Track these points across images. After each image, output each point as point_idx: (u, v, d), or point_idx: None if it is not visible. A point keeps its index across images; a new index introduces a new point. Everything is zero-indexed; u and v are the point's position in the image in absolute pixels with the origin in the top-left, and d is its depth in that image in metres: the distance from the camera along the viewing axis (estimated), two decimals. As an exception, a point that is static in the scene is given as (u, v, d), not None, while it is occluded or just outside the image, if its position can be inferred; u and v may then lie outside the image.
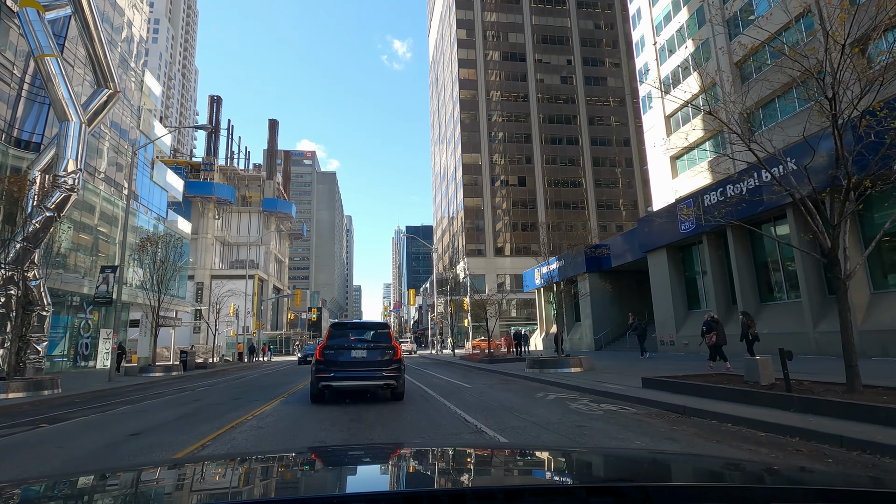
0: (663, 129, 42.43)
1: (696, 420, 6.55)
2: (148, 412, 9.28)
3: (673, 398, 7.67)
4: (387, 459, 1.85)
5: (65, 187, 19.31)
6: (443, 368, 20.70)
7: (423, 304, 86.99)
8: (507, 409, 8.20)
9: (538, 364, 14.67)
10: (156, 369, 20.59)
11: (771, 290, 17.83)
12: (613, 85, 75.21)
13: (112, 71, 22.44)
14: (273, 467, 1.72)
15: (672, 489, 1.18)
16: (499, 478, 1.55)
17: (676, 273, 21.86)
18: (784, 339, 16.15)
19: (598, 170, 71.87)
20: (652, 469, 1.60)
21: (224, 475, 1.57)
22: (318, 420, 7.43)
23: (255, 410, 8.78)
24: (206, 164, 62.74)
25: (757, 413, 6.09)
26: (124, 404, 10.83)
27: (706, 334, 12.33)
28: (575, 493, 1.15)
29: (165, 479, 1.55)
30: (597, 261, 29.81)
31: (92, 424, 7.95)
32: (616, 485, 1.23)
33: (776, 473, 1.55)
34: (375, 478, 1.64)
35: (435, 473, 1.58)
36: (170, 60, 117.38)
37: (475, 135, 70.02)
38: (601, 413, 7.44)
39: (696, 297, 21.73)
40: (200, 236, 61.62)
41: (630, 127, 74.06)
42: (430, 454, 1.92)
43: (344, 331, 9.64)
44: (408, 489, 1.36)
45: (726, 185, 18.19)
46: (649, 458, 1.95)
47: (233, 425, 7.16)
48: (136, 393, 13.75)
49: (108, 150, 28.46)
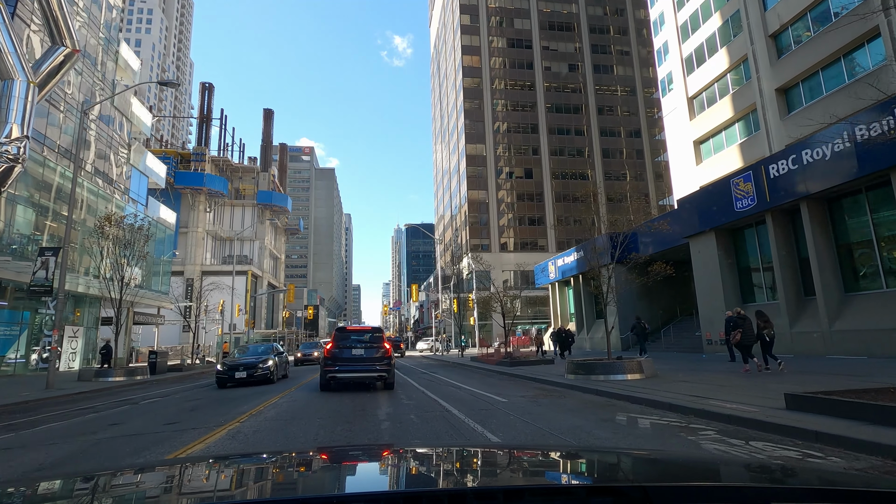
0: (686, 112, 39.23)
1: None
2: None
3: (882, 433, 4.51)
4: (387, 459, 1.82)
5: (6, 157, 16.14)
6: (456, 373, 17.52)
7: (426, 301, 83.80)
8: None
9: (583, 368, 11.50)
10: (117, 373, 17.41)
11: (859, 277, 14.66)
12: (623, 74, 72.02)
13: (69, 25, 19.19)
14: (273, 467, 1.71)
15: (672, 489, 1.17)
16: (499, 478, 1.53)
17: (727, 260, 18.68)
18: (881, 336, 13.01)
19: (608, 161, 68.66)
20: (652, 469, 1.58)
21: (224, 475, 1.57)
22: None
23: (179, 451, 5.61)
24: (196, 155, 59.41)
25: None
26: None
27: (730, 332, 11.47)
28: (575, 493, 1.15)
29: (165, 479, 1.55)
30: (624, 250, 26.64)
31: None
32: (616, 485, 1.24)
33: (776, 473, 1.52)
34: (375, 478, 1.62)
35: (435, 473, 1.58)
36: (163, 52, 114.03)
37: (479, 124, 66.80)
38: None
39: (750, 287, 18.57)
40: (191, 230, 58.39)
41: (641, 117, 70.89)
42: (430, 454, 1.92)
43: (346, 334, 11.99)
44: (407, 489, 1.36)
45: (801, 150, 15.01)
46: (649, 458, 1.87)
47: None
48: (50, 409, 10.53)
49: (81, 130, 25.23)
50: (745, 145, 33.09)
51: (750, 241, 18.40)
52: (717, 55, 35.61)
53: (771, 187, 15.80)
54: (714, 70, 36.23)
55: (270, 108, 72.59)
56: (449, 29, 78.59)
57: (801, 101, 29.09)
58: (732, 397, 7.23)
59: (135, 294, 25.00)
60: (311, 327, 72.86)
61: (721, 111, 35.48)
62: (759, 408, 6.17)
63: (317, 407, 8.90)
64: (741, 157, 32.86)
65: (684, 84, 39.17)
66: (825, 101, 25.25)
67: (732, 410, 6.13)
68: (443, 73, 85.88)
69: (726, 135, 35.88)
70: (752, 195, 16.56)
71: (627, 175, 69.25)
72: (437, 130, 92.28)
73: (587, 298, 30.51)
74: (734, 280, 18.73)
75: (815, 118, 26.40)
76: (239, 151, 72.38)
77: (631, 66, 72.29)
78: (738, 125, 34.70)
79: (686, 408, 6.76)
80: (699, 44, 37.80)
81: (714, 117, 36.02)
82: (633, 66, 72.33)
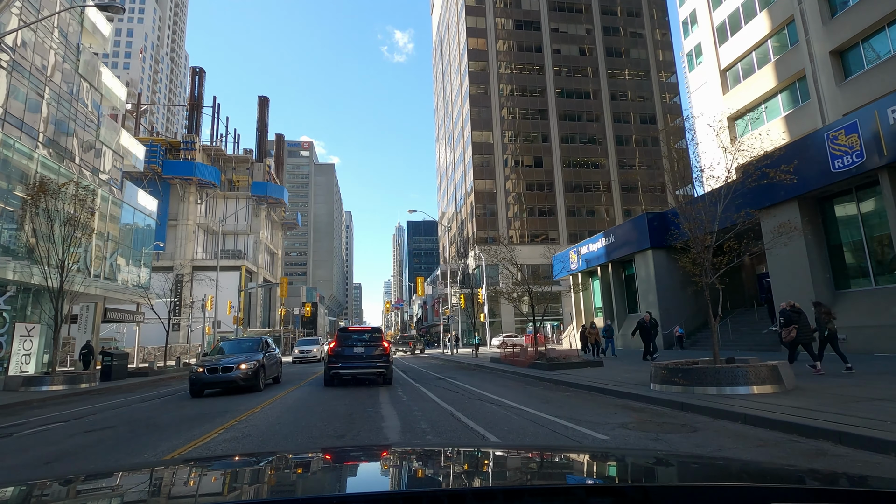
0: (717, 86, 35.58)
1: None
2: None
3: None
4: (387, 460, 1.80)
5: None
6: (479, 378, 13.97)
7: (430, 298, 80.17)
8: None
9: (681, 376, 7.91)
10: (55, 380, 13.92)
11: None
12: (637, 57, 68.27)
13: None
14: (273, 467, 1.68)
15: (672, 489, 1.17)
16: (499, 478, 1.51)
17: (815, 236, 15.04)
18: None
19: (622, 149, 64.93)
20: (652, 469, 1.56)
21: (223, 475, 1.55)
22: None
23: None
24: (186, 143, 55.83)
25: None
26: None
27: (783, 328, 10.23)
28: (575, 493, 1.14)
29: (165, 479, 1.51)
30: (662, 231, 22.99)
31: None
32: (616, 485, 1.25)
33: (776, 473, 1.51)
34: (375, 478, 1.60)
35: (435, 474, 1.56)
36: (157, 43, 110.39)
37: (486, 110, 63.12)
38: None
39: (843, 270, 14.96)
40: (180, 222, 54.94)
41: (655, 102, 67.15)
42: (430, 454, 1.91)
43: (348, 334, 13.16)
44: (407, 489, 1.34)
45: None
46: (649, 458, 1.85)
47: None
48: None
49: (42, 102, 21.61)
50: (792, 118, 29.42)
51: (849, 211, 14.77)
52: (756, 20, 31.94)
53: (889, 137, 12.20)
54: (752, 37, 32.55)
55: (265, 96, 68.81)
56: (453, 12, 74.86)
57: (861, 64, 25.44)
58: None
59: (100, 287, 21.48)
60: (309, 326, 69.25)
61: (761, 82, 31.79)
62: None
63: (300, 434, 5.43)
64: (787, 132, 29.23)
65: (716, 55, 35.48)
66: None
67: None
68: (446, 59, 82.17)
69: (767, 108, 32.17)
70: (858, 150, 12.95)
71: (645, 163, 65.44)
72: (441, 120, 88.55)
73: (618, 289, 26.91)
74: (823, 259, 15.12)
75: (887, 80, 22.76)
76: (234, 143, 68.81)
77: (645, 49, 68.53)
78: (781, 96, 31.02)
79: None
80: (734, 8, 34.11)
81: (752, 89, 32.35)
82: (646, 48, 68.56)
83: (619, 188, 63.49)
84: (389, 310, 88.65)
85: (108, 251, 27.68)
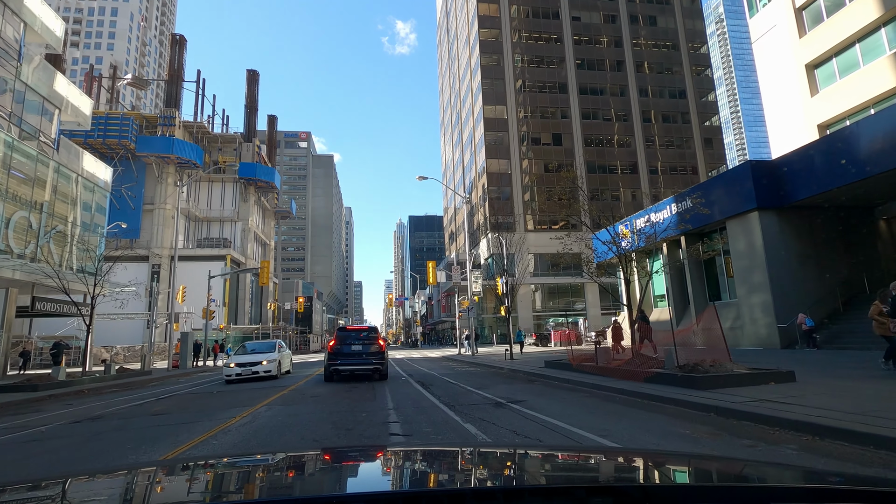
0: (792, 29, 29.24)
1: None
2: None
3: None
4: (387, 459, 1.78)
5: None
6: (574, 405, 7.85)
7: (435, 293, 73.92)
8: None
9: None
10: None
11: None
12: (665, 26, 61.91)
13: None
14: (273, 467, 1.67)
15: (672, 489, 1.17)
16: (499, 478, 1.49)
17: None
18: None
19: (648, 126, 58.60)
20: (652, 469, 1.55)
21: (224, 475, 1.54)
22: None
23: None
24: (165, 118, 49.60)
25: None
26: None
27: (893, 317, 7.85)
28: (575, 493, 1.13)
29: (164, 479, 1.50)
30: (774, 187, 16.75)
31: None
32: (616, 485, 1.23)
33: (776, 473, 1.50)
34: (375, 478, 1.58)
35: (435, 474, 1.55)
36: (143, 24, 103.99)
37: (499, 82, 56.83)
38: None
39: None
40: (157, 206, 48.82)
41: (686, 76, 60.83)
42: (430, 454, 1.88)
43: (346, 332, 14.11)
44: (408, 489, 1.33)
45: None
46: (649, 458, 1.80)
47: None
48: None
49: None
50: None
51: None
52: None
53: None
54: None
55: (255, 70, 62.32)
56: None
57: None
58: None
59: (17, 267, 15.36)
60: (303, 322, 62.90)
61: (853, 16, 25.44)
62: None
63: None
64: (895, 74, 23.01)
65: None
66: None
67: None
68: (453, 34, 75.82)
69: (862, 48, 25.74)
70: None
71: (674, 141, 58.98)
72: (447, 102, 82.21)
73: (695, 271, 20.69)
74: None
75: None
76: (222, 124, 62.56)
77: (673, 17, 62.16)
78: (884, 30, 24.64)
79: None
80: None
81: (841, 27, 26.02)
82: (674, 16, 62.17)
83: (646, 169, 57.13)
84: (392, 304, 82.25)
85: (37, 224, 21.53)
